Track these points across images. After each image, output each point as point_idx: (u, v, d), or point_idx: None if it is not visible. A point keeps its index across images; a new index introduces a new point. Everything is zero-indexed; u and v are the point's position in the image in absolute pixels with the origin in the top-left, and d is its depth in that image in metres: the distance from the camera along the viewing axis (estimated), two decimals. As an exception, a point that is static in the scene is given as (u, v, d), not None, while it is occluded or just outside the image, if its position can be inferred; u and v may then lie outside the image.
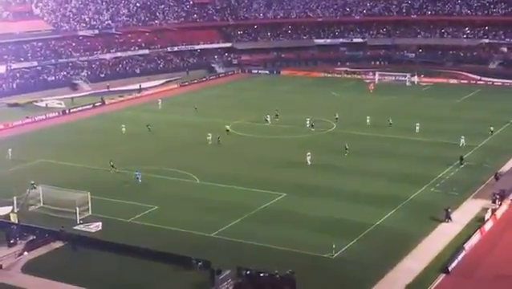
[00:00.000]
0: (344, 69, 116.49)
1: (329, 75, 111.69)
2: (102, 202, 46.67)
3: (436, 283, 34.25)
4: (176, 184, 52.74)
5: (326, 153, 60.42)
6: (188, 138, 68.02)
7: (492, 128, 67.56)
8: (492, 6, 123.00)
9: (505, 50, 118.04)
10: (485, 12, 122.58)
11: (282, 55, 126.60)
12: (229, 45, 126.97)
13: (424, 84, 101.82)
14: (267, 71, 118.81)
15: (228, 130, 68.56)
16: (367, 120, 72.27)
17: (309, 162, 56.77)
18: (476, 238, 39.67)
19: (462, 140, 61.95)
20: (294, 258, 37.13)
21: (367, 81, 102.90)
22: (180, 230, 42.19)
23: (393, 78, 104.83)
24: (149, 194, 49.70)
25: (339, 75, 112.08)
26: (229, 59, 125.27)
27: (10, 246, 39.97)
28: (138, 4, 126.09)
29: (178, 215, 45.21)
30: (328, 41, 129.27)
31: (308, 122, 71.59)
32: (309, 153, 57.39)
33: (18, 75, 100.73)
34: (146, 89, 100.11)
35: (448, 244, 39.28)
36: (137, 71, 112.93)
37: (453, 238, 40.11)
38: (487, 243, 39.66)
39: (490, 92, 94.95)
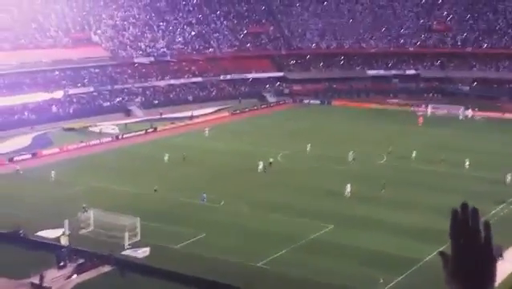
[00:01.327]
0: (396, 101, 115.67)
1: (381, 107, 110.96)
2: (151, 228, 47.19)
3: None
4: (224, 211, 52.98)
5: (373, 186, 59.80)
6: (235, 166, 68.33)
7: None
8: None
9: None
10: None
11: (334, 86, 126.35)
12: (281, 74, 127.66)
13: (477, 118, 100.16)
14: (318, 102, 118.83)
15: (271, 162, 67.98)
16: (414, 154, 70.97)
17: (348, 194, 56.37)
18: (529, 279, 38.59)
19: (509, 178, 60.38)
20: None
21: (419, 114, 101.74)
22: (227, 259, 42.28)
23: (446, 111, 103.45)
24: (197, 221, 50.01)
25: (391, 107, 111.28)
26: (281, 88, 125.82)
27: (60, 268, 40.72)
28: (193, 32, 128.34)
29: (225, 243, 45.33)
30: (381, 72, 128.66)
31: (351, 155, 70.87)
32: (349, 185, 57.07)
33: (74, 100, 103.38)
34: (198, 116, 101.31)
35: (501, 282, 38.27)
36: (190, 98, 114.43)
37: (507, 277, 39.10)
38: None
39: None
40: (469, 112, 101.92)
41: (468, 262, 3.28)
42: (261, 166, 65.89)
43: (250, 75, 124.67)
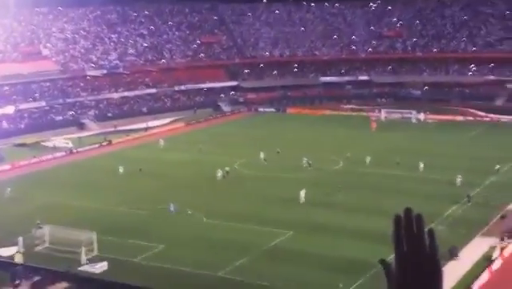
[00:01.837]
0: (350, 107, 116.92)
1: (335, 113, 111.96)
2: (108, 242, 46.54)
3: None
4: (182, 222, 52.59)
5: (330, 191, 60.29)
6: (192, 176, 68.07)
7: (498, 166, 67.28)
8: (497, 43, 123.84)
9: (511, 86, 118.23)
10: (491, 49, 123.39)
11: (288, 93, 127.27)
12: (235, 83, 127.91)
13: (430, 121, 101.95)
14: (273, 110, 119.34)
15: (228, 171, 67.85)
16: (368, 159, 71.52)
17: (303, 200, 56.75)
18: (484, 277, 39.26)
19: (459, 179, 61.35)
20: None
21: (372, 118, 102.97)
22: (187, 270, 41.93)
23: (399, 115, 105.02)
24: (155, 233, 49.52)
25: (345, 113, 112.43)
26: (236, 97, 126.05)
27: (15, 287, 39.75)
28: (145, 44, 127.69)
29: (184, 254, 44.98)
30: (334, 79, 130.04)
31: (305, 161, 71.26)
32: (303, 191, 57.47)
33: (25, 115, 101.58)
34: (153, 128, 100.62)
35: (457, 283, 38.86)
36: (144, 110, 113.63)
37: (462, 277, 39.71)
38: (496, 282, 39.21)
39: (497, 129, 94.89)
40: (422, 116, 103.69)
41: (412, 272, 3.08)
42: (219, 174, 65.81)
43: (204, 85, 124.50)
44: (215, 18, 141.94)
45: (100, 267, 42.81)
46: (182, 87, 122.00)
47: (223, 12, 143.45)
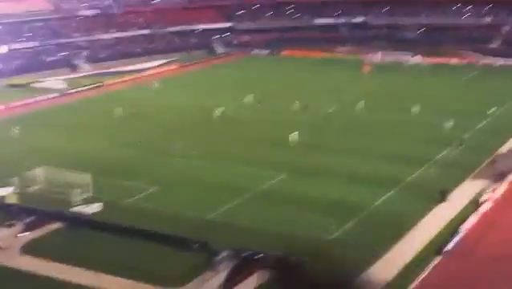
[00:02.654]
0: (345, 49, 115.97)
1: (329, 56, 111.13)
2: (103, 183, 46.67)
3: (433, 265, 34.39)
4: (176, 164, 52.81)
5: (325, 134, 60.57)
6: (184, 119, 68.00)
7: (493, 109, 67.43)
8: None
9: (507, 29, 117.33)
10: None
11: (283, 36, 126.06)
12: (229, 25, 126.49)
13: (425, 64, 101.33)
14: (267, 52, 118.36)
15: (223, 112, 67.91)
16: (361, 103, 71.31)
17: (295, 142, 57.03)
18: (474, 219, 39.78)
19: (452, 123, 61.32)
20: (292, 239, 37.26)
21: (365, 62, 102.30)
22: (180, 212, 42.32)
23: (394, 58, 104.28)
24: (150, 175, 49.71)
25: (339, 56, 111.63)
26: (230, 39, 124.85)
27: (9, 226, 40.15)
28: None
29: (178, 196, 45.33)
30: (329, 21, 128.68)
31: (297, 104, 70.99)
32: (296, 133, 57.76)
33: (17, 55, 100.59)
34: (146, 69, 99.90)
35: (446, 225, 39.42)
36: (138, 51, 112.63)
37: (452, 219, 40.21)
38: (486, 224, 39.76)
39: (492, 72, 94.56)
40: (417, 58, 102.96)
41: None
42: (217, 112, 66.22)
43: (199, 27, 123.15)
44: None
45: (94, 208, 43.10)
46: (176, 29, 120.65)
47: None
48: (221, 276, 33.26)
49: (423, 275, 33.25)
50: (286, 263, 31.06)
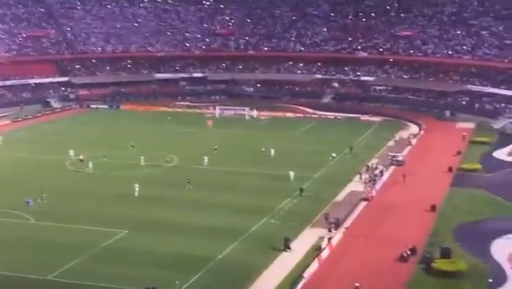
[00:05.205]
0: (185, 103, 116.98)
1: (169, 110, 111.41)
2: None
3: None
4: (9, 225, 49.71)
5: (167, 187, 60.15)
6: (20, 177, 64.78)
7: (333, 155, 71.70)
8: (323, 44, 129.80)
9: (336, 85, 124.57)
10: (317, 49, 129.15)
11: (122, 90, 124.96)
12: (65, 79, 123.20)
13: (262, 118, 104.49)
14: (106, 106, 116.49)
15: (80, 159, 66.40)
16: (206, 158, 70.86)
17: (136, 194, 56.96)
18: (314, 267, 40.93)
19: (292, 174, 63.43)
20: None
21: (207, 116, 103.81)
22: (15, 274, 39.66)
23: (233, 112, 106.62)
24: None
25: (179, 110, 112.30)
26: (66, 93, 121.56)
27: None
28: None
29: (12, 258, 42.57)
30: (168, 75, 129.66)
31: (142, 159, 70.31)
32: (137, 185, 57.49)
33: None
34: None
35: (289, 272, 40.19)
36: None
37: (294, 267, 41.12)
38: (324, 271, 40.99)
39: (324, 125, 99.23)
40: (254, 113, 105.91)
41: None
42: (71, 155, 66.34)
43: (32, 81, 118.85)
44: (42, 10, 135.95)
45: None
46: (7, 83, 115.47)
47: (51, 5, 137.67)
48: None
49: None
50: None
